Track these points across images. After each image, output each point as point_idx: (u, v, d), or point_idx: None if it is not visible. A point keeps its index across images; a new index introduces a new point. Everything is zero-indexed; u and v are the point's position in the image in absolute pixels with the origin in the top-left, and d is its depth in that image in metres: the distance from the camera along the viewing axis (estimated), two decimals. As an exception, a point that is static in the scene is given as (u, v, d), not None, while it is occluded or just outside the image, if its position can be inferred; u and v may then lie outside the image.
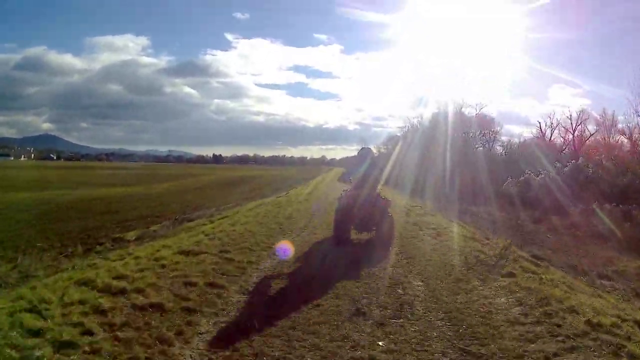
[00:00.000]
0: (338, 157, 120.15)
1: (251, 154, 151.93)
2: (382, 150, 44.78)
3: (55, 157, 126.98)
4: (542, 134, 36.91)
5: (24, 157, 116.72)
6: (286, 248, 6.59)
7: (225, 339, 3.33)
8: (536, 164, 23.61)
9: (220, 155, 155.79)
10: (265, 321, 3.67)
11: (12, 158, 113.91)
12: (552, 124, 36.53)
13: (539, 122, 37.68)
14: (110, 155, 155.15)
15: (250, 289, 4.62)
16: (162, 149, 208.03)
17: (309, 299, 4.30)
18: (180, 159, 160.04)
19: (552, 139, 36.30)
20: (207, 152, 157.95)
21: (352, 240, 7.66)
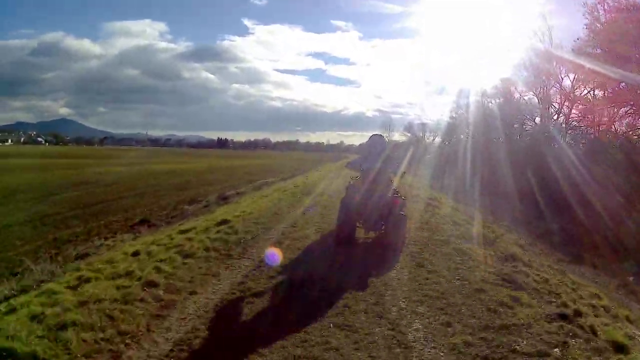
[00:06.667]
0: (357, 144, 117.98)
1: (262, 139, 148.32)
2: (402, 138, 42.49)
3: (43, 141, 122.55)
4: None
5: (10, 142, 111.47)
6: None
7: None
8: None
9: (225, 139, 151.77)
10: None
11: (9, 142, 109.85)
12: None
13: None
14: (105, 140, 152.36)
15: None
16: (180, 134, 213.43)
17: None
18: (181, 143, 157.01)
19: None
20: (224, 137, 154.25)
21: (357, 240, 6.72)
